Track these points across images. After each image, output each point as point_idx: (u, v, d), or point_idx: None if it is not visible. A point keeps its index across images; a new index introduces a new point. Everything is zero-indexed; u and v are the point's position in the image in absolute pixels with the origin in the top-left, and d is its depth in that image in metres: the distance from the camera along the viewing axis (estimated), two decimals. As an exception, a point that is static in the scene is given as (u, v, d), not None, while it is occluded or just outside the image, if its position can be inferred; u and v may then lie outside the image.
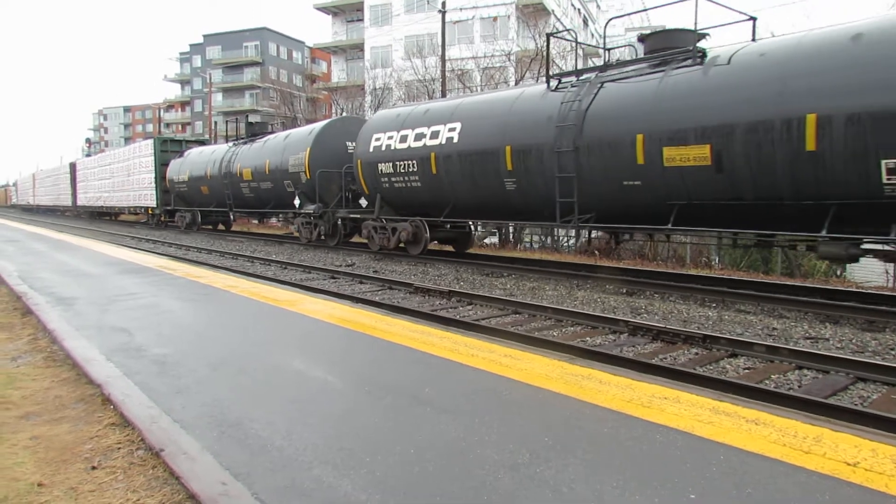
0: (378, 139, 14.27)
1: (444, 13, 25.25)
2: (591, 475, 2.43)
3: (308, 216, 17.71)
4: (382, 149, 14.06)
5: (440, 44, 25.81)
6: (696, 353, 5.87)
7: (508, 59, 29.47)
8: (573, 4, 45.33)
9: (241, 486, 2.39)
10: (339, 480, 2.42)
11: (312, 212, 17.30)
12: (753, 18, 9.47)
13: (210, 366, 4.10)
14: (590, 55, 28.98)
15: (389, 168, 13.87)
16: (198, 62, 73.20)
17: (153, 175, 27.50)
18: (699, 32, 9.44)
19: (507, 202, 11.69)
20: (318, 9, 47.92)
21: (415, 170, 13.24)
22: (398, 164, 13.63)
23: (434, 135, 12.80)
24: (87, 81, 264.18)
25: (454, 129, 12.39)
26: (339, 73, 48.53)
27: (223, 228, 27.47)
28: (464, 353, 4.30)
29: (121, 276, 8.71)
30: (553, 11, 38.20)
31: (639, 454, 2.62)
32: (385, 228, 14.44)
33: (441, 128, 12.70)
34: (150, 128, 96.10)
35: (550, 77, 11.21)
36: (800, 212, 7.94)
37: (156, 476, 2.61)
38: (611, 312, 7.75)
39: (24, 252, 12.88)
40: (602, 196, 9.94)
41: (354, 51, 46.15)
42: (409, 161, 13.33)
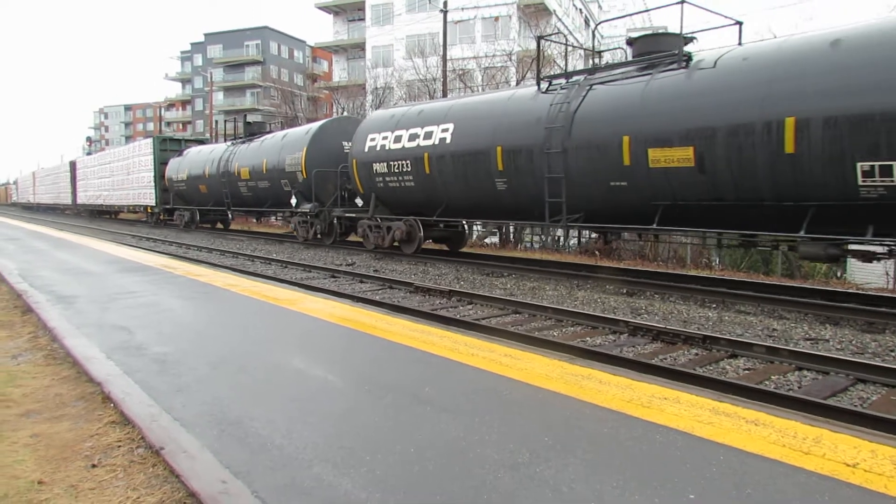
0: (373, 139, 14.39)
1: (446, 13, 25.24)
2: (591, 475, 2.43)
3: (305, 215, 17.75)
4: (377, 149, 14.19)
5: (441, 43, 25.79)
6: (696, 354, 5.87)
7: (510, 59, 29.47)
8: (574, 4, 45.30)
9: (241, 485, 2.39)
10: (340, 479, 2.43)
11: (309, 211, 17.35)
12: (739, 23, 9.69)
13: (210, 364, 4.10)
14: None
15: (384, 168, 14.00)
16: (199, 61, 73.25)
17: (152, 174, 27.52)
18: (686, 36, 9.60)
19: (499, 202, 11.82)
20: (320, 8, 47.90)
21: (409, 170, 13.38)
22: (392, 164, 13.76)
23: (427, 135, 12.92)
24: (89, 80, 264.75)
25: (447, 130, 12.52)
26: (341, 73, 48.54)
27: (221, 227, 27.51)
28: (464, 353, 4.30)
29: (121, 275, 8.71)
30: (554, 11, 38.18)
31: (638, 454, 2.62)
32: (380, 227, 14.57)
33: (434, 128, 12.82)
34: (151, 126, 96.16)
35: (541, 79, 11.35)
36: (780, 213, 8.06)
37: (156, 474, 2.61)
38: (611, 313, 7.75)
39: (25, 250, 12.89)
40: (590, 196, 10.07)
41: (356, 50, 46.15)
42: (403, 161, 13.46)
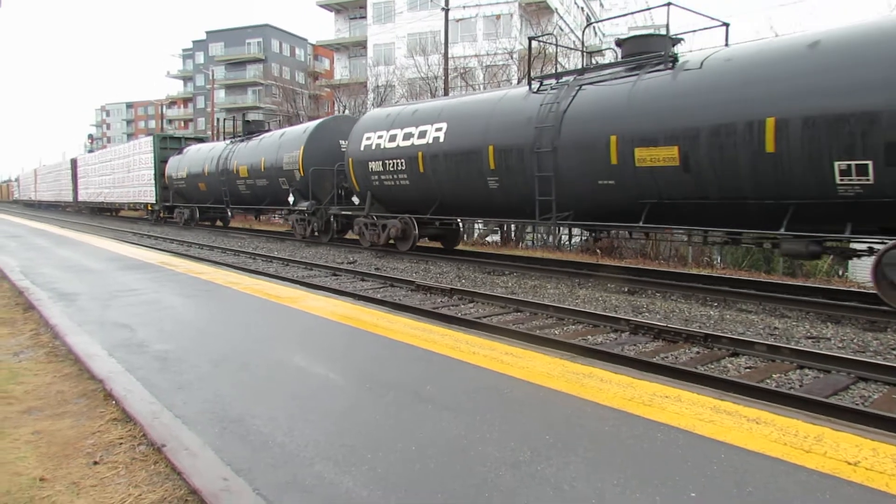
0: (369, 138, 14.53)
1: (448, 11, 25.20)
2: (592, 473, 2.43)
3: (302, 213, 17.81)
4: (373, 148, 14.33)
5: (443, 41, 25.77)
6: (698, 352, 5.87)
7: (511, 58, 29.43)
8: (576, 2, 45.23)
9: (243, 482, 2.39)
10: (341, 477, 2.43)
11: (306, 209, 17.41)
12: (726, 24, 9.91)
13: (212, 362, 4.10)
14: (593, 54, 28.88)
15: (379, 166, 14.13)
16: (200, 59, 73.19)
17: (153, 171, 27.58)
18: (673, 37, 9.76)
19: (490, 200, 11.97)
20: (321, 6, 47.84)
21: (403, 168, 13.51)
22: (387, 163, 13.90)
23: (422, 134, 13.06)
24: (91, 77, 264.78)
25: (440, 129, 12.66)
26: (342, 71, 48.51)
27: (221, 225, 27.55)
28: (465, 351, 4.30)
29: (123, 273, 8.72)
30: (556, 9, 38.12)
31: (640, 452, 2.62)
32: (375, 225, 14.72)
33: (428, 128, 12.95)
34: (153, 124, 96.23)
35: (532, 79, 11.52)
36: (762, 210, 8.21)
37: (157, 471, 2.61)
38: (612, 311, 7.75)
39: (27, 247, 12.91)
40: (579, 195, 10.21)
41: (357, 48, 46.11)
42: (398, 160, 13.60)
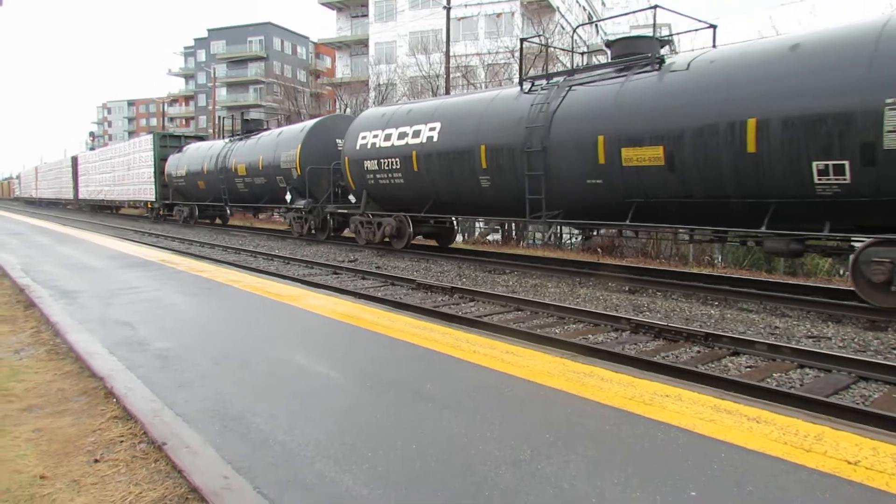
0: (364, 137, 14.66)
1: (449, 10, 25.17)
2: (593, 472, 2.43)
3: (299, 211, 17.91)
4: (368, 147, 14.46)
5: (445, 40, 25.74)
6: (698, 352, 5.87)
7: (513, 56, 29.37)
8: (578, 1, 45.14)
9: (244, 480, 2.39)
10: (341, 475, 2.43)
11: (303, 207, 17.50)
12: (713, 26, 10.16)
13: (213, 360, 4.11)
14: (594, 53, 28.87)
15: (374, 165, 14.27)
16: (202, 57, 73.15)
17: (152, 170, 27.63)
18: (661, 39, 9.96)
19: (483, 199, 12.13)
20: (323, 4, 47.83)
21: (398, 167, 13.66)
22: (383, 162, 14.03)
23: (416, 134, 13.20)
24: (92, 75, 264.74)
25: (434, 129, 12.80)
26: (344, 69, 48.51)
27: (220, 223, 27.61)
28: (466, 350, 4.30)
29: (123, 270, 8.72)
30: (558, 8, 38.06)
31: (640, 451, 2.62)
32: (371, 223, 14.88)
33: (422, 127, 13.08)
34: (154, 122, 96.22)
35: (523, 80, 11.70)
36: (745, 209, 8.39)
37: (158, 469, 2.61)
38: (613, 310, 7.75)
39: (28, 245, 12.91)
40: (568, 194, 10.38)
41: (359, 46, 46.10)
42: (393, 159, 13.73)
